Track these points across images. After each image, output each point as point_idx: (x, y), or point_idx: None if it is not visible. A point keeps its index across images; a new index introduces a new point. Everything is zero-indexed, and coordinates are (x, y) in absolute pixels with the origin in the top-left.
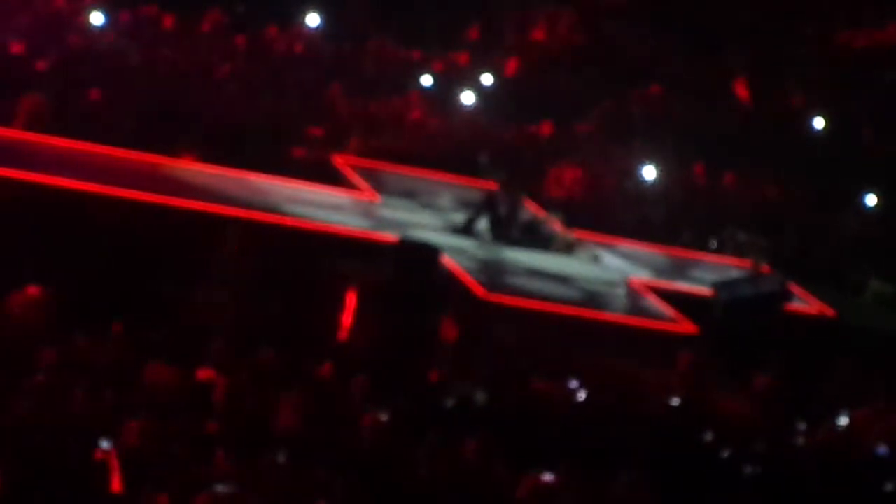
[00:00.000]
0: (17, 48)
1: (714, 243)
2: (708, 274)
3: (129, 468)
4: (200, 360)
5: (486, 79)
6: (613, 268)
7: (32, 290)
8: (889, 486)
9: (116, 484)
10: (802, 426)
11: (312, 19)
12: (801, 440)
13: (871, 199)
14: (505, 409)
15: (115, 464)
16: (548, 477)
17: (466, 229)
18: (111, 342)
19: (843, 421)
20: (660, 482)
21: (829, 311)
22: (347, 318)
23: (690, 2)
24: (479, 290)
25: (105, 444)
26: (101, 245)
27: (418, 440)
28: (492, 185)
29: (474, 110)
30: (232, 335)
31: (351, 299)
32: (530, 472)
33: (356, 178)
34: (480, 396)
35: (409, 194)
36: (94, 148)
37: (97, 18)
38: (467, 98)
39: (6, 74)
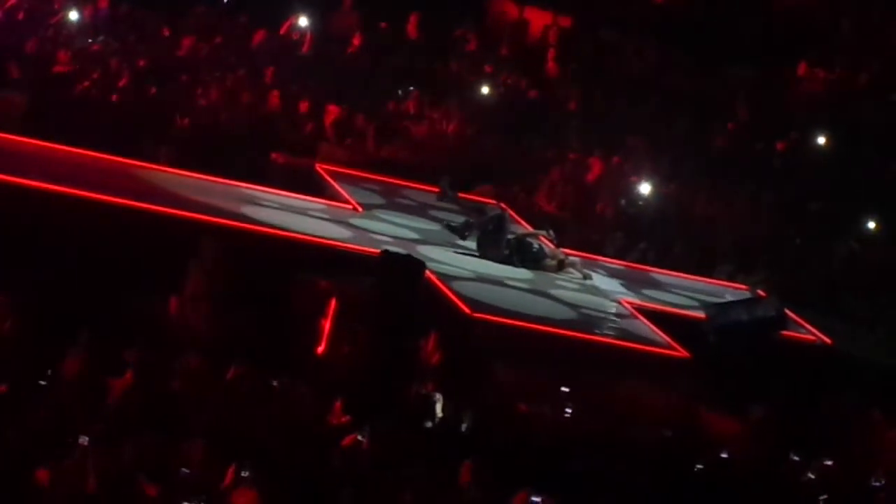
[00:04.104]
0: None
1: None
2: (701, 296)
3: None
4: (171, 374)
5: (478, 88)
6: (604, 288)
7: None
8: None
9: (91, 484)
10: (796, 457)
11: (301, 21)
12: (795, 471)
13: (871, 223)
14: (490, 432)
15: (90, 462)
16: (537, 498)
17: (461, 231)
18: (77, 353)
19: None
20: None
21: (826, 339)
22: (326, 333)
23: (693, 15)
24: (464, 308)
25: (83, 441)
26: (70, 251)
27: (401, 464)
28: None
29: (464, 120)
30: (205, 349)
31: (330, 313)
32: (518, 493)
33: (338, 187)
34: (466, 419)
35: (393, 205)
36: (68, 149)
37: (74, 16)
38: (458, 107)
39: None
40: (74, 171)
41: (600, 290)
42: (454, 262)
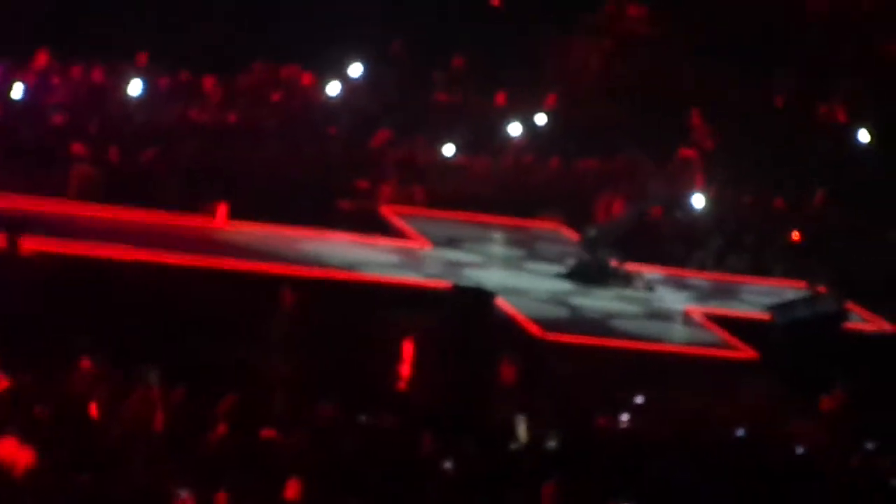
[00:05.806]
0: (58, 120)
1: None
2: (763, 298)
3: None
4: (263, 421)
5: (533, 117)
6: (668, 299)
7: (86, 363)
8: None
9: None
10: (869, 446)
11: (355, 69)
12: (869, 460)
13: None
14: (572, 449)
15: None
16: None
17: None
18: (170, 408)
19: None
20: None
21: (890, 327)
22: (406, 369)
23: (729, 25)
24: (535, 330)
25: (183, 494)
26: (155, 313)
27: (491, 489)
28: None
29: (519, 150)
30: (292, 394)
31: (408, 349)
32: None
33: (405, 227)
34: (550, 438)
35: (459, 239)
36: (142, 215)
37: (135, 88)
38: (514, 133)
39: (50, 147)
40: (153, 236)
41: (665, 300)
42: (497, 280)
